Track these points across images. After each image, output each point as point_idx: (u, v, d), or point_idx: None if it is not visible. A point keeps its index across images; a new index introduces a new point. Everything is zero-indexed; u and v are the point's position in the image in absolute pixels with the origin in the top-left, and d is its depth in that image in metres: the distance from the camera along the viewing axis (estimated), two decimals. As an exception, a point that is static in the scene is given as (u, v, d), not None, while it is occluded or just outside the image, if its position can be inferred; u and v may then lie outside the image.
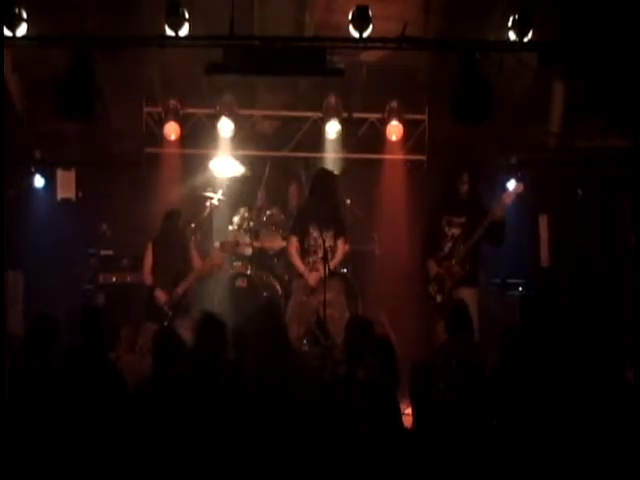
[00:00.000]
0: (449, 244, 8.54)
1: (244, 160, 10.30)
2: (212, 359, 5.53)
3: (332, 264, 8.46)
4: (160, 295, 8.74)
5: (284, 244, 9.69)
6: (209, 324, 5.80)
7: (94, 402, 5.53)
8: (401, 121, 10.09)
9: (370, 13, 7.70)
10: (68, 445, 5.24)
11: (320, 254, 8.42)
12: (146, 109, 10.19)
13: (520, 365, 5.99)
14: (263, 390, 5.36)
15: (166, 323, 8.57)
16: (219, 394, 5.26)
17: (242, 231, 9.97)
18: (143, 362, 7.24)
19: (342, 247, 8.77)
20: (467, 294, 8.20)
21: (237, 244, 9.90)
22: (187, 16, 7.72)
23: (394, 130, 10.11)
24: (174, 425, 5.11)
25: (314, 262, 8.62)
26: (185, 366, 5.53)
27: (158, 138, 10.16)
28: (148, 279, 8.89)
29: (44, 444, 5.27)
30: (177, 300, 8.75)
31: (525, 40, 7.84)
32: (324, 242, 8.35)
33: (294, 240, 8.80)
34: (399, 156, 10.30)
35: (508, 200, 8.50)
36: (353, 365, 5.94)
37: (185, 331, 7.48)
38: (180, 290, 8.75)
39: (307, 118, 10.33)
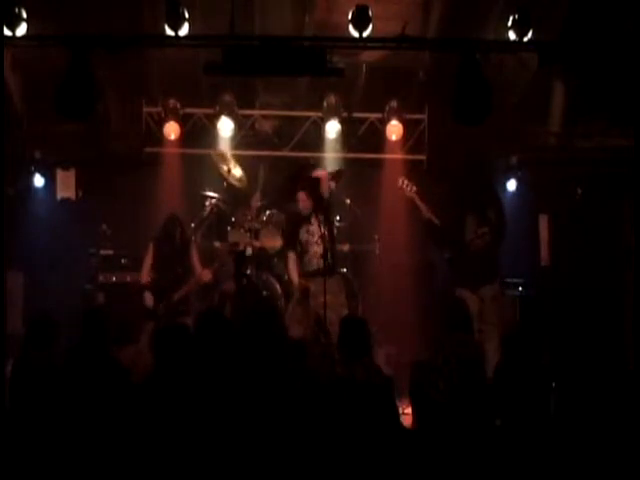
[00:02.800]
0: None
1: (244, 160, 10.31)
2: (212, 356, 5.52)
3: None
4: (148, 298, 8.73)
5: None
6: (210, 321, 5.78)
7: (97, 399, 5.53)
8: (401, 121, 10.10)
9: (370, 13, 7.69)
10: (71, 442, 5.24)
11: (315, 247, 8.44)
12: (146, 109, 10.21)
13: (522, 363, 6.00)
14: (261, 388, 5.36)
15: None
16: (218, 393, 5.26)
17: (242, 231, 9.96)
18: (146, 359, 7.25)
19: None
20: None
21: (237, 245, 9.90)
22: (187, 16, 7.71)
23: (394, 130, 10.12)
24: (174, 422, 5.11)
25: (309, 259, 8.60)
26: (185, 363, 5.53)
27: (158, 138, 10.17)
28: (145, 278, 8.86)
29: (46, 441, 5.28)
30: (173, 305, 8.72)
31: (525, 40, 7.83)
32: (322, 234, 8.34)
33: (291, 254, 8.81)
34: (399, 156, 10.30)
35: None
36: (351, 365, 5.95)
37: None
38: (176, 297, 8.72)
39: (307, 118, 10.35)
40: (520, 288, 9.80)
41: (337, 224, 9.63)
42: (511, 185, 10.48)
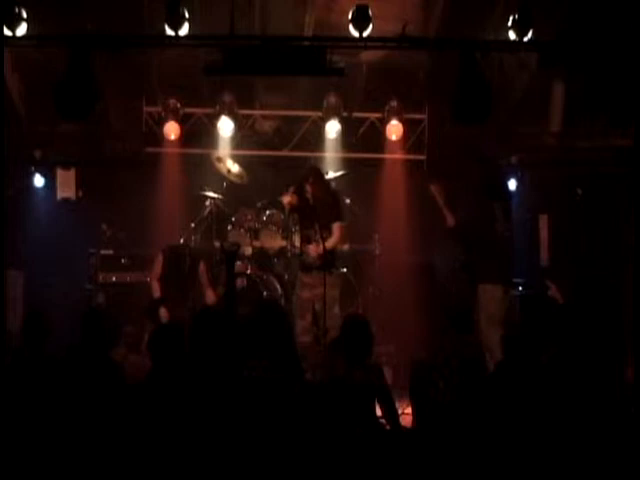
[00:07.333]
0: None
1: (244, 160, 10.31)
2: (209, 355, 5.51)
3: (328, 244, 8.37)
4: (164, 313, 8.73)
5: (284, 244, 9.69)
6: (206, 320, 5.77)
7: (93, 400, 5.53)
8: (401, 121, 10.10)
9: (370, 13, 7.70)
10: (65, 441, 5.25)
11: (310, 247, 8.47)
12: (146, 109, 10.22)
13: (522, 363, 6.00)
14: (259, 388, 5.36)
15: None
16: (216, 393, 5.26)
17: (242, 231, 9.96)
18: (147, 361, 7.25)
19: (338, 230, 8.67)
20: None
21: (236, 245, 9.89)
22: (187, 16, 7.71)
23: (394, 130, 10.13)
24: (171, 423, 5.11)
25: (307, 255, 8.58)
26: (183, 364, 5.52)
27: (158, 138, 10.18)
28: (156, 290, 8.87)
29: (41, 440, 5.28)
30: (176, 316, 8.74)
31: (525, 40, 7.83)
32: (322, 236, 8.32)
33: None
34: (399, 156, 10.31)
35: None
36: (351, 366, 5.95)
37: None
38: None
39: (307, 118, 10.35)
40: (520, 288, 9.79)
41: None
42: (511, 185, 10.47)
